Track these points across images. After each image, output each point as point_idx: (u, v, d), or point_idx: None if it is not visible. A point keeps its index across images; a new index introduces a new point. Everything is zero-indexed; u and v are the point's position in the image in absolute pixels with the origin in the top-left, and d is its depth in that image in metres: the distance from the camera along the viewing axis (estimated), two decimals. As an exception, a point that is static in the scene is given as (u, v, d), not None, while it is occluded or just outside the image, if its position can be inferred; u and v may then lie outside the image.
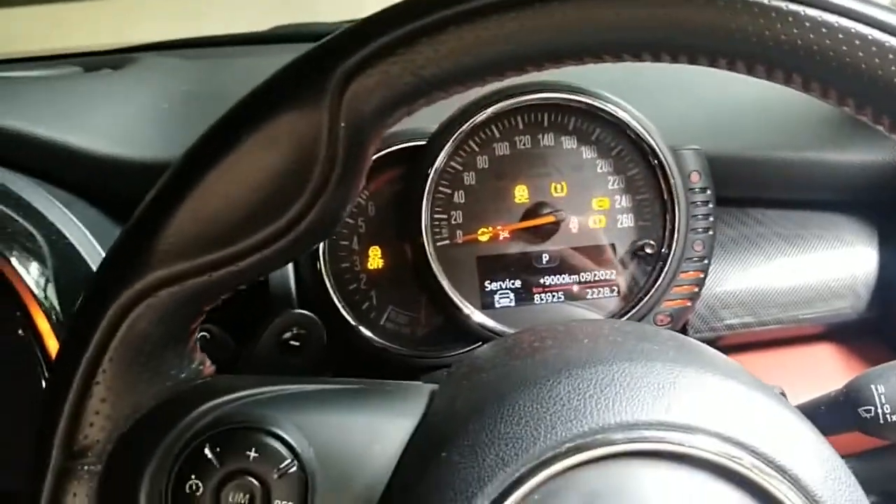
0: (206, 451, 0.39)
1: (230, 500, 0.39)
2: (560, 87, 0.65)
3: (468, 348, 0.67)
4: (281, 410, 0.41)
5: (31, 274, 0.62)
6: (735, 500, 0.37)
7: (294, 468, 0.40)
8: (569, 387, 0.39)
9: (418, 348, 0.67)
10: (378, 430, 0.42)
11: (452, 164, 0.67)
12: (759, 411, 0.40)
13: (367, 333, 0.66)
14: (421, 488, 0.39)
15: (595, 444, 0.37)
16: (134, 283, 0.39)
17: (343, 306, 0.66)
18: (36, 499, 0.39)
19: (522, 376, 0.41)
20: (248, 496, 0.39)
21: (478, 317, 0.66)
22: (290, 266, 0.68)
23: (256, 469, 0.39)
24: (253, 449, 0.39)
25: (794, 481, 0.37)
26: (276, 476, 0.39)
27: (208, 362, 0.44)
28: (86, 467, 0.39)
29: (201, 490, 0.39)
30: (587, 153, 0.67)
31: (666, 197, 0.66)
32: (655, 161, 0.65)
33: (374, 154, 0.40)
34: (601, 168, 0.67)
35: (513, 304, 0.67)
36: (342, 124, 0.38)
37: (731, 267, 0.75)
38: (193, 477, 0.39)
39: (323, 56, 0.38)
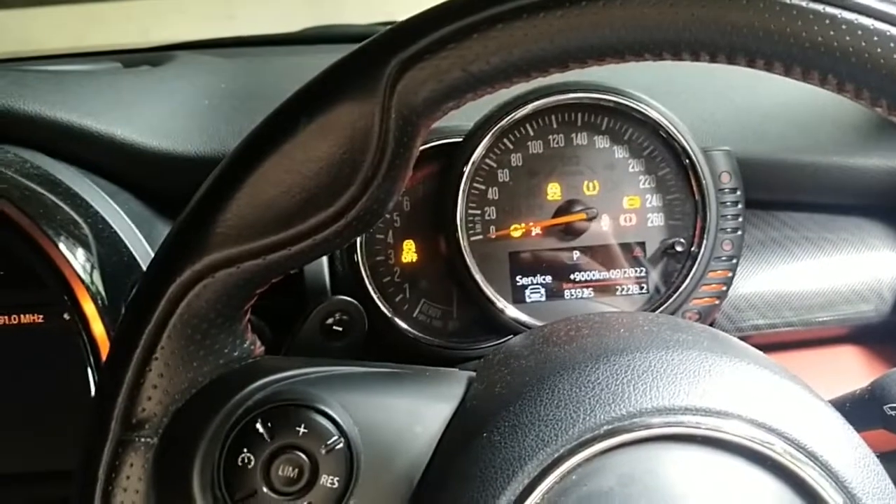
0: (258, 425, 0.41)
1: (279, 473, 0.41)
2: (594, 88, 0.66)
3: (498, 341, 0.68)
4: (328, 390, 0.43)
5: (77, 259, 0.64)
6: (767, 484, 0.39)
7: (340, 445, 0.41)
8: (607, 372, 0.41)
9: (450, 340, 0.69)
10: (419, 413, 0.43)
11: (487, 161, 0.68)
12: (791, 399, 0.41)
13: (401, 324, 0.68)
14: (462, 467, 0.40)
15: (632, 428, 0.39)
16: (193, 264, 0.40)
17: (378, 297, 0.68)
18: (93, 469, 0.40)
19: (561, 361, 0.43)
20: (296, 470, 0.41)
21: (510, 310, 0.67)
22: (324, 258, 0.70)
23: (305, 444, 0.41)
24: (302, 425, 0.41)
25: (825, 467, 0.38)
26: (323, 452, 0.41)
27: (258, 343, 0.45)
28: (143, 439, 0.41)
29: (252, 463, 0.40)
30: (619, 152, 0.69)
31: (697, 197, 0.67)
32: (687, 161, 0.67)
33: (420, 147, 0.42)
34: (633, 167, 0.69)
35: (543, 298, 0.69)
36: (393, 116, 0.39)
37: (757, 268, 0.76)
38: (245, 450, 0.41)
39: (378, 49, 0.39)
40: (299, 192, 0.40)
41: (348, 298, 0.61)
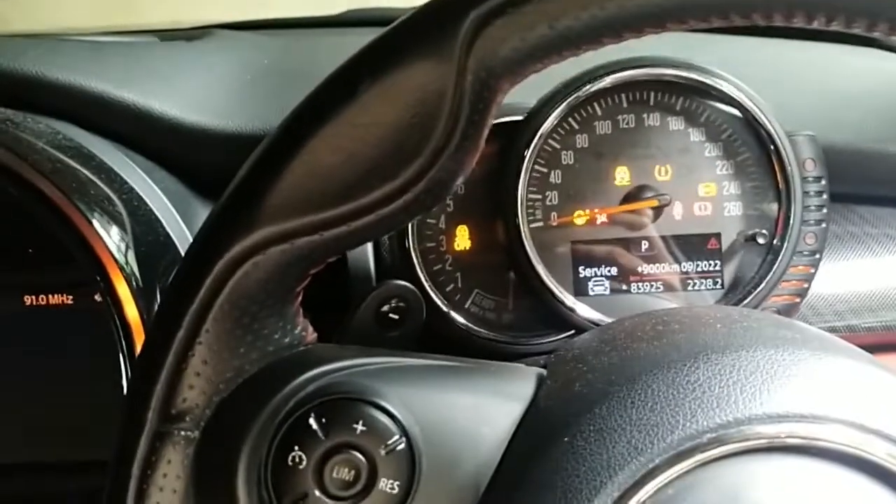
0: (311, 421, 0.36)
1: (334, 474, 0.36)
2: (668, 63, 0.61)
3: (558, 337, 0.64)
4: (388, 384, 0.38)
5: (111, 238, 0.60)
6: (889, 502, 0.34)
7: (402, 445, 0.37)
8: (708, 372, 0.36)
9: (505, 334, 0.64)
10: (486, 412, 0.39)
11: (550, 142, 0.63)
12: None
13: (455, 316, 0.63)
14: (540, 475, 0.36)
15: (741, 437, 0.34)
16: (243, 239, 0.36)
17: (430, 285, 0.63)
18: (127, 463, 0.36)
19: (653, 359, 0.38)
20: (353, 472, 0.36)
21: (572, 303, 0.62)
22: (369, 244, 0.65)
23: (363, 443, 0.36)
24: (360, 422, 0.37)
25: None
26: (383, 452, 0.36)
27: (310, 329, 0.41)
28: (182, 432, 0.36)
29: (304, 463, 0.36)
30: (695, 135, 0.63)
31: (781, 185, 0.62)
32: (771, 146, 0.61)
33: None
34: (710, 152, 0.63)
35: (608, 292, 0.64)
36: (469, 78, 0.35)
37: (835, 265, 0.71)
38: (297, 448, 0.36)
39: (452, 2, 0.35)
40: (362, 160, 0.36)
41: (406, 284, 0.57)
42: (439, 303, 0.63)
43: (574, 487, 0.34)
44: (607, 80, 0.61)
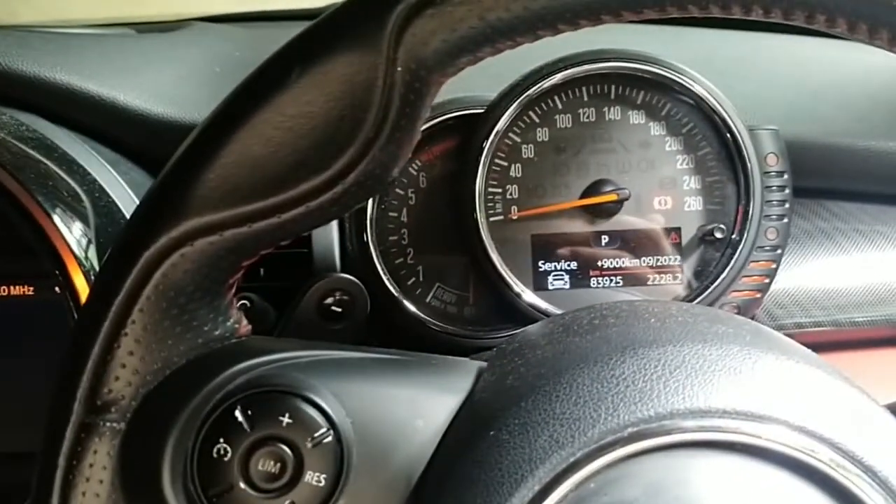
0: (237, 413, 0.36)
1: (259, 467, 0.36)
2: (630, 57, 0.61)
3: (518, 330, 0.63)
4: (318, 376, 0.38)
5: (72, 233, 0.60)
6: (813, 498, 0.33)
7: (329, 437, 0.37)
8: (634, 366, 0.36)
9: (465, 328, 0.64)
10: (421, 405, 0.39)
11: (511, 135, 0.63)
12: (846, 404, 0.36)
13: (412, 308, 0.63)
14: (466, 468, 0.35)
15: (662, 431, 0.34)
16: (170, 230, 0.36)
17: (388, 279, 0.63)
18: (54, 455, 0.36)
19: (582, 353, 0.38)
20: (278, 465, 0.36)
21: (530, 297, 0.62)
22: (336, 234, 0.65)
23: (289, 436, 0.36)
24: (286, 414, 0.37)
25: (880, 479, 0.33)
26: (309, 445, 0.36)
27: (244, 321, 0.41)
28: (108, 424, 0.36)
29: (229, 455, 0.36)
30: (655, 129, 0.63)
31: (740, 179, 0.61)
32: (730, 140, 0.61)
33: (430, 117, 0.37)
34: (670, 146, 0.63)
35: (567, 286, 0.63)
36: (399, 69, 0.35)
37: (803, 261, 0.70)
38: (222, 440, 0.36)
39: None
40: (291, 152, 0.36)
41: (349, 277, 0.57)
42: (397, 295, 0.63)
43: (496, 481, 0.34)
44: (568, 73, 0.61)
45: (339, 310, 0.55)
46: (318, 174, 0.36)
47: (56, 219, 0.59)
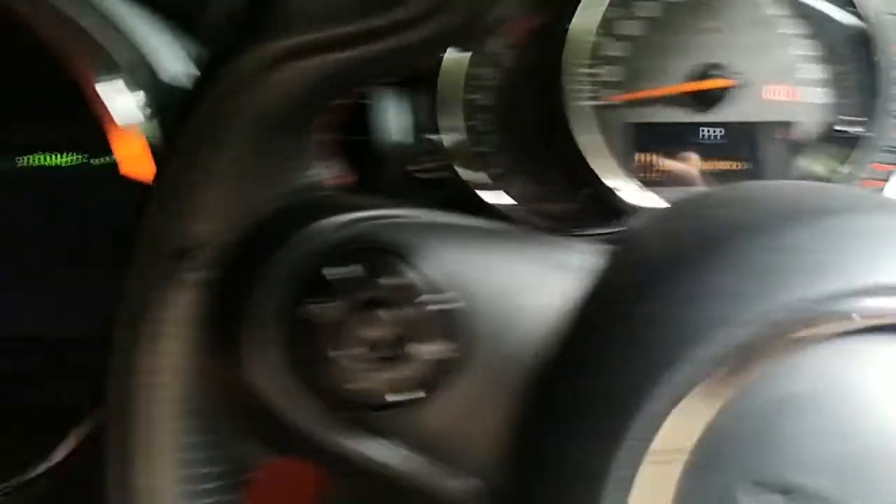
0: (334, 272, 0.31)
1: (364, 333, 0.31)
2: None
3: (610, 229, 0.58)
4: (424, 240, 0.33)
5: (127, 100, 0.55)
6: None
7: (448, 305, 0.31)
8: (808, 234, 0.30)
9: (554, 223, 0.58)
10: (540, 280, 0.34)
11: (608, 11, 0.56)
12: None
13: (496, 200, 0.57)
14: (604, 347, 0.30)
15: (848, 312, 0.28)
16: (253, 51, 0.31)
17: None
18: (131, 306, 0.31)
19: (739, 222, 0.32)
20: (388, 331, 0.31)
21: (624, 192, 0.56)
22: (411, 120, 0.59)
23: (391, 301, 0.31)
24: (389, 278, 0.31)
25: None
26: (413, 312, 0.31)
27: (336, 172, 0.35)
28: (190, 274, 0.31)
29: (328, 316, 0.31)
30: (771, 8, 0.56)
31: (867, 70, 0.55)
32: (859, 24, 0.54)
33: None
34: (787, 28, 0.56)
35: (664, 180, 0.57)
36: None
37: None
38: (321, 300, 0.31)
39: None
40: None
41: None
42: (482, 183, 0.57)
43: (650, 361, 0.29)
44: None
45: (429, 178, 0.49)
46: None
47: (110, 85, 0.55)
